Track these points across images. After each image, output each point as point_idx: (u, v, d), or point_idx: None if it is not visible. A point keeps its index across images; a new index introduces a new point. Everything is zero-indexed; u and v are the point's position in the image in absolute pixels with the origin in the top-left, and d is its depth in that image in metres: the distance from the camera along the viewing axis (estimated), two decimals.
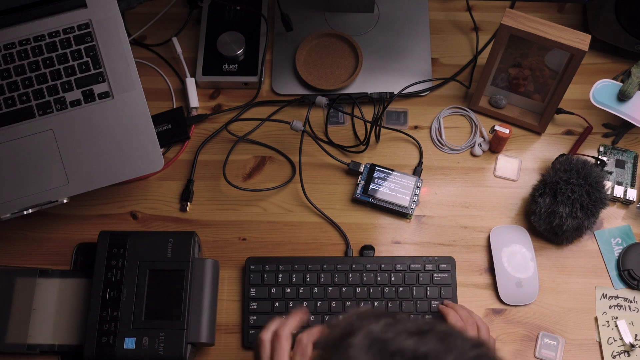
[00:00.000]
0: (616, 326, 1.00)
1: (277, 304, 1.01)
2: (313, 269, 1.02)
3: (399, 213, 1.07)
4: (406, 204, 1.06)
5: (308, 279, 1.02)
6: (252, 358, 0.97)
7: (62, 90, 1.00)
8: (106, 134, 0.99)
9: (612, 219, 1.07)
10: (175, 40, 1.18)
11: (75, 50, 1.01)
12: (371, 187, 1.07)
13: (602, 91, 1.04)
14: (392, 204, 1.06)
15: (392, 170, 1.08)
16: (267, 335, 0.84)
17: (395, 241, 1.06)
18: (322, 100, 1.11)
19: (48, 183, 0.97)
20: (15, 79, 1.00)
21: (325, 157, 1.11)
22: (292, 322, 0.85)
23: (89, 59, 1.01)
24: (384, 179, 1.07)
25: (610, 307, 1.01)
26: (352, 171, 1.09)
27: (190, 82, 1.15)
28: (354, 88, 1.15)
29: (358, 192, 1.07)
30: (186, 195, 1.09)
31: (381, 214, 1.08)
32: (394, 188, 1.07)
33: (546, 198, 1.01)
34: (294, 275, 1.02)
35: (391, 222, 1.08)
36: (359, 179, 1.08)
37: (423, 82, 1.15)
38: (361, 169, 1.08)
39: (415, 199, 1.07)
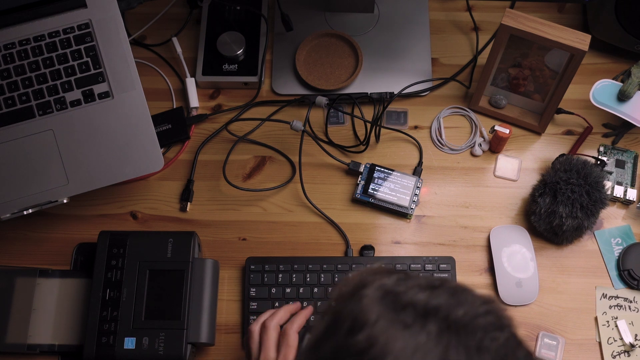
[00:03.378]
0: (616, 326, 1.00)
1: (277, 304, 1.01)
2: (313, 269, 1.02)
3: (399, 213, 1.07)
4: (406, 204, 1.06)
5: (308, 279, 1.02)
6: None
7: (62, 90, 1.00)
8: (106, 134, 0.99)
9: (612, 219, 1.07)
10: (175, 40, 1.18)
11: (75, 50, 1.01)
12: (371, 187, 1.07)
13: (602, 91, 1.04)
14: (392, 204, 1.06)
15: (392, 170, 1.08)
16: (256, 327, 0.88)
17: (395, 241, 1.06)
18: (322, 100, 1.11)
19: (48, 183, 0.97)
20: (15, 79, 1.00)
21: (325, 157, 1.11)
22: (281, 313, 0.89)
23: (89, 59, 1.01)
24: (384, 179, 1.07)
25: (610, 307, 1.01)
26: (352, 171, 1.09)
27: (190, 82, 1.15)
28: (354, 88, 1.15)
29: (358, 192, 1.07)
30: (186, 195, 1.09)
31: (381, 214, 1.08)
32: (394, 188, 1.07)
33: (546, 198, 1.01)
34: (294, 275, 1.02)
35: (391, 222, 1.08)
36: (359, 179, 1.08)
37: (423, 82, 1.15)
38: (361, 169, 1.08)
39: (415, 199, 1.07)
